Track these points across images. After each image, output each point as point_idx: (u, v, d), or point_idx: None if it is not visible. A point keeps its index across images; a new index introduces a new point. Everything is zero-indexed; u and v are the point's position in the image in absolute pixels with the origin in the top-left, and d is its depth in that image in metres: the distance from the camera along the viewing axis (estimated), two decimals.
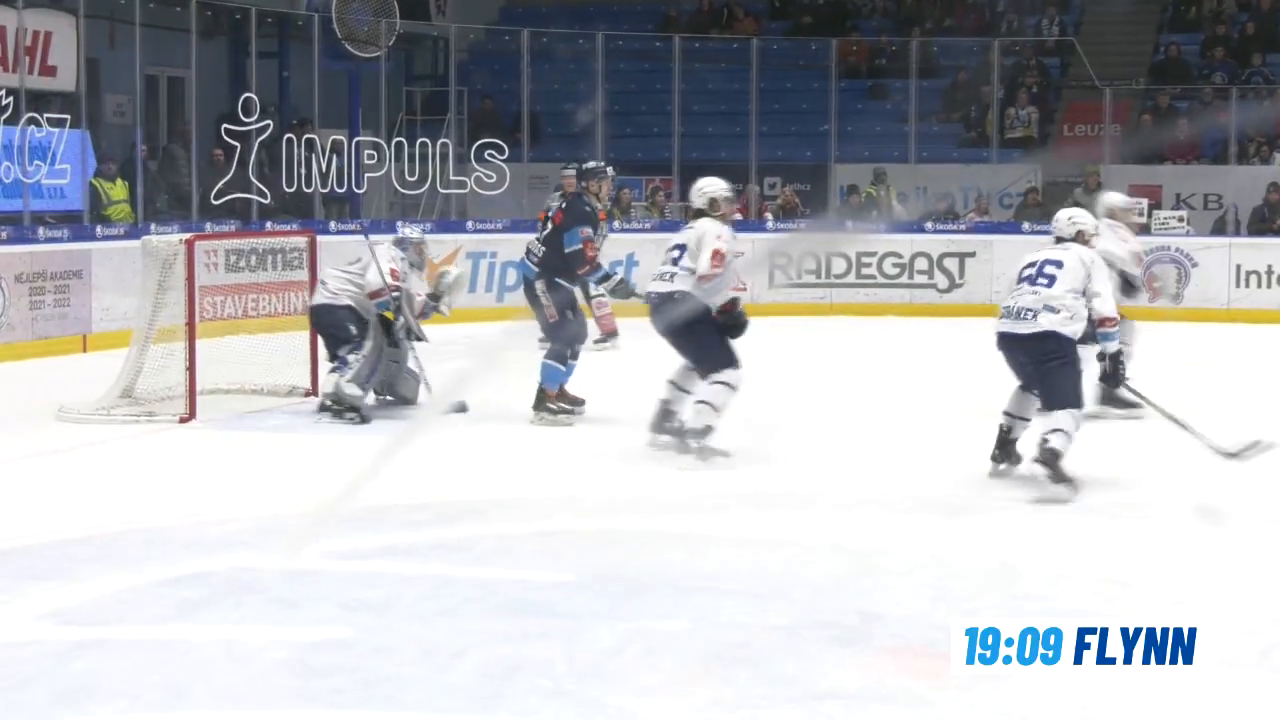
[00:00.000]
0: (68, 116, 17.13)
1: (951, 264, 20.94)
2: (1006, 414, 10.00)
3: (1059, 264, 9.77)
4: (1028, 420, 9.95)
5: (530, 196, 21.15)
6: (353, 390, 11.71)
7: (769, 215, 22.19)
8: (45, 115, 16.83)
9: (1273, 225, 21.25)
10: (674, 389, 10.69)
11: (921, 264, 21.01)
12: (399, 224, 18.84)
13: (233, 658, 6.08)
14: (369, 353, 11.86)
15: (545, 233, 12.23)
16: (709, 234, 10.44)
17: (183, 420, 11.56)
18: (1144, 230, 19.45)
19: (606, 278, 12.29)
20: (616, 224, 19.27)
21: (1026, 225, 21.28)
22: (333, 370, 11.86)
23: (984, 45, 23.93)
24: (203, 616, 6.67)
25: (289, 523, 8.27)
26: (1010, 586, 7.21)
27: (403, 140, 20.91)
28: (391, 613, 6.67)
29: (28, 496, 9.25)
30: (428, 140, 20.98)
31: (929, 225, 21.69)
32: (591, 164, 12.89)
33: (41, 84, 17.36)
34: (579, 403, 11.79)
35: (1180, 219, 21.07)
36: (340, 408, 11.71)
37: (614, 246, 16.78)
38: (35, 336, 15.71)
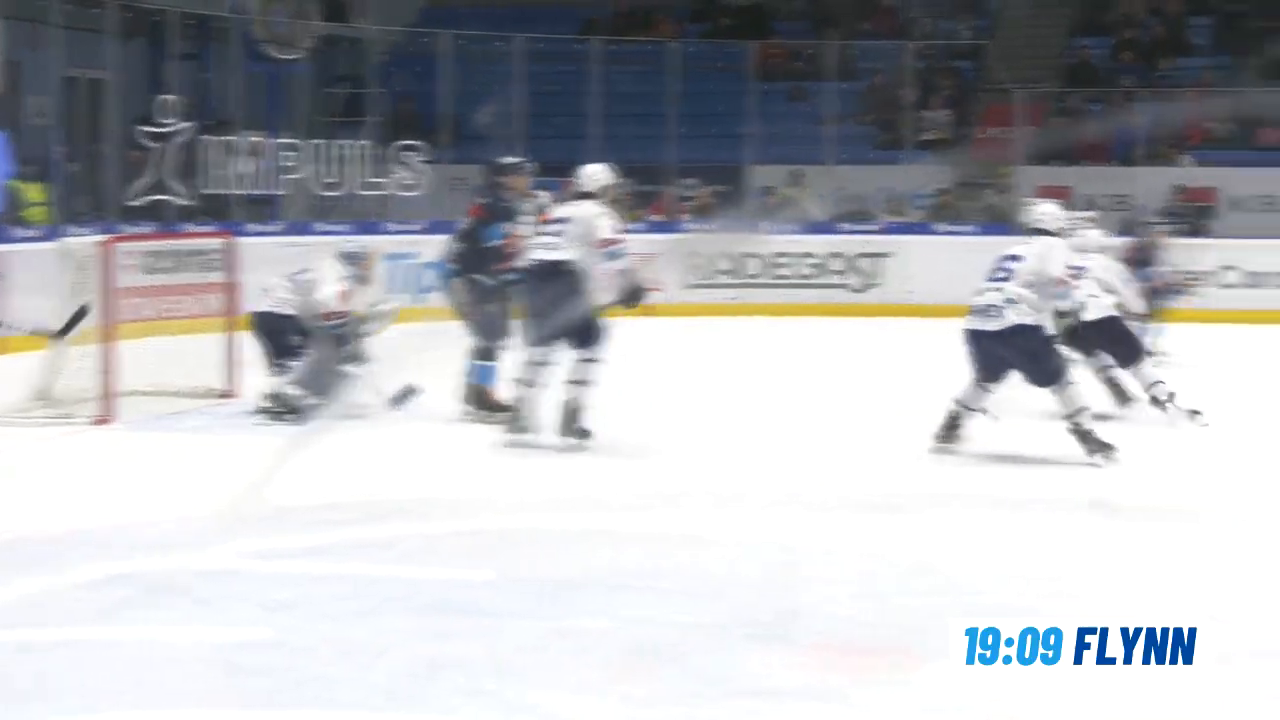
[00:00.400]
0: None
1: (866, 264, 20.99)
2: (958, 402, 10.37)
3: (1018, 258, 10.31)
4: (977, 411, 10.35)
5: (450, 198, 21.03)
6: (293, 391, 11.61)
7: (687, 216, 22.18)
8: None
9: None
10: (525, 387, 10.71)
11: (836, 264, 21.05)
12: (317, 225, 18.81)
13: (152, 659, 5.99)
14: (311, 358, 11.77)
15: (462, 229, 12.11)
16: (600, 216, 10.64)
17: (100, 422, 11.41)
18: None
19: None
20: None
21: (940, 226, 21.40)
22: (274, 374, 11.77)
23: (899, 48, 24.01)
24: (122, 618, 6.56)
25: (194, 525, 8.19)
26: (934, 583, 7.19)
27: (322, 142, 20.75)
28: (313, 612, 6.59)
29: None
30: (347, 142, 20.84)
31: (844, 226, 21.75)
32: (509, 159, 12.74)
33: None
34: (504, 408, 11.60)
35: (1090, 220, 21.15)
36: (280, 410, 11.60)
37: None
38: None
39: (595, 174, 10.98)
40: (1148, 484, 9.62)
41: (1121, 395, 12.08)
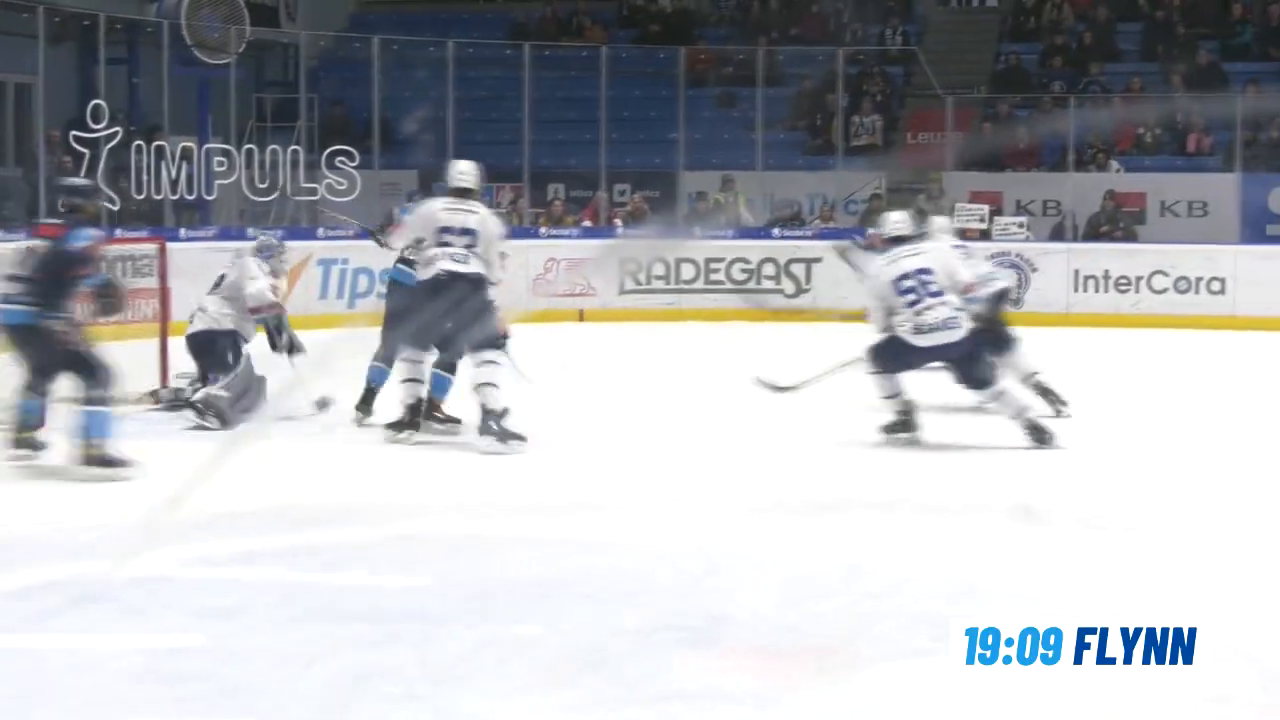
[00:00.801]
0: None
1: (798, 269, 21.07)
2: (900, 396, 11.01)
3: (930, 270, 10.86)
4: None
5: (381, 203, 21.00)
6: (220, 394, 11.60)
7: (618, 222, 22.22)
8: None
9: (1099, 229, 21.60)
10: (416, 385, 10.94)
11: (769, 270, 21.12)
12: (249, 230, 18.73)
13: (80, 667, 5.97)
14: (243, 370, 11.77)
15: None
16: (498, 235, 10.95)
17: None
18: (984, 236, 19.81)
19: None
20: None
21: (870, 231, 21.48)
22: (208, 385, 11.78)
23: (829, 54, 24.10)
24: (50, 625, 6.54)
25: (118, 533, 8.15)
26: (865, 587, 7.22)
27: (253, 147, 20.66)
28: (242, 620, 6.59)
29: None
30: (278, 147, 20.77)
31: (776, 232, 21.83)
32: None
33: None
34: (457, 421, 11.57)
35: (1020, 225, 21.36)
36: (206, 411, 11.58)
37: None
38: None
39: (469, 170, 11.08)
40: (1072, 489, 9.68)
41: (1054, 399, 12.17)
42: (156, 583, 7.19)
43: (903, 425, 10.95)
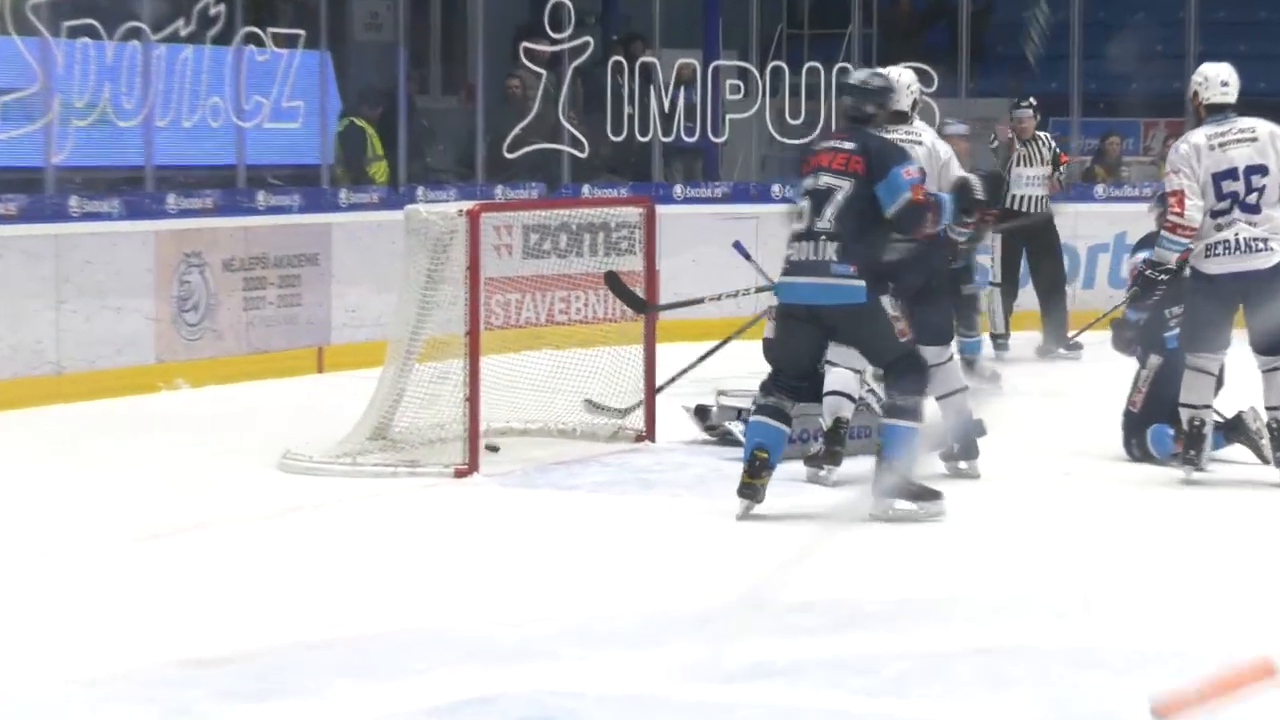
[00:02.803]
0: (302, 32, 17.35)
1: None
2: None
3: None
4: None
5: (967, 147, 21.07)
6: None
7: None
8: (270, 30, 17.02)
9: None
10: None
11: None
12: (773, 188, 18.96)
13: None
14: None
15: None
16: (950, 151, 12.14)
17: (460, 474, 11.72)
18: None
19: None
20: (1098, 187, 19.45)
21: None
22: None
23: None
24: None
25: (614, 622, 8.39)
26: None
27: (782, 65, 20.81)
28: None
29: (241, 579, 9.46)
30: (819, 65, 20.87)
31: None
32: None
33: None
34: None
35: None
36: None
37: (1094, 221, 16.85)
38: (251, 349, 16.00)
39: (907, 83, 11.99)
40: None
41: None
42: (640, 703, 7.38)
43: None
